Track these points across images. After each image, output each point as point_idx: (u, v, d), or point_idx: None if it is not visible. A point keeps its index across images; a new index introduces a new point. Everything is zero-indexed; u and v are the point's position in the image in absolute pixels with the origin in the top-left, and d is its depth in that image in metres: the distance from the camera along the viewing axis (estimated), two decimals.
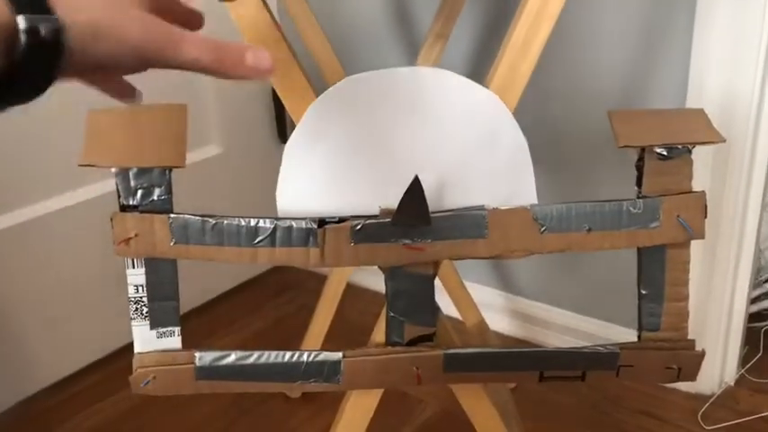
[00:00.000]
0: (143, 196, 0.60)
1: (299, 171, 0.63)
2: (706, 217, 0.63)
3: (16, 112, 0.34)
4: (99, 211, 1.15)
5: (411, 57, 1.25)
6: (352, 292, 1.35)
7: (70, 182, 1.16)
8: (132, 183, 0.59)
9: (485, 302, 1.21)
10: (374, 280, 1.41)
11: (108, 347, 1.23)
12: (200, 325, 1.33)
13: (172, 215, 0.60)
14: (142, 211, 0.60)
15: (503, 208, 0.61)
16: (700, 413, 1.08)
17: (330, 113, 0.60)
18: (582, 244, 0.62)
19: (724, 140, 0.60)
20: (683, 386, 1.13)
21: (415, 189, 0.58)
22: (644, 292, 0.65)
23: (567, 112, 1.12)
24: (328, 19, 1.01)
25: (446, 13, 0.97)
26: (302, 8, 0.95)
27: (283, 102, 0.61)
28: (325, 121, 0.61)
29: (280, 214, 0.63)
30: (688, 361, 0.66)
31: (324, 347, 1.15)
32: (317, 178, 0.62)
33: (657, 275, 0.64)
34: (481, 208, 0.61)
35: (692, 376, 0.67)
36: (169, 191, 0.60)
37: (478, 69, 1.17)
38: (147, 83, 1.34)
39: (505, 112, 0.60)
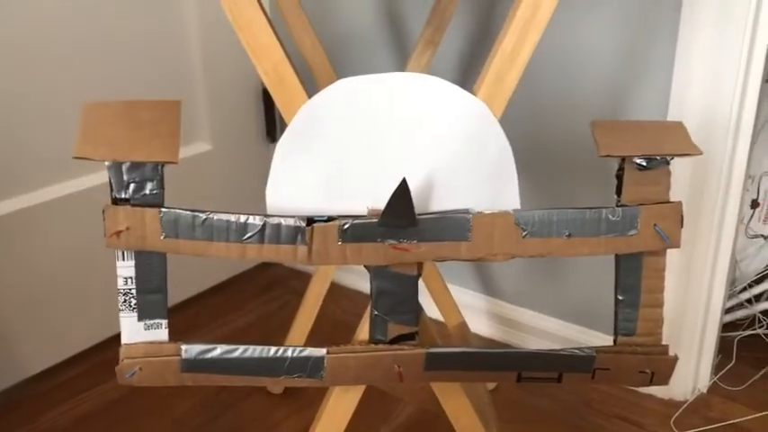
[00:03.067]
0: (135, 190, 0.61)
1: (289, 171, 0.64)
2: (682, 227, 0.65)
3: None
4: (85, 203, 1.17)
5: (401, 62, 1.27)
6: (336, 291, 1.36)
7: (56, 175, 1.16)
8: (125, 176, 0.61)
9: (467, 305, 1.23)
10: (357, 279, 1.43)
11: (92, 339, 1.24)
12: (182, 320, 1.34)
13: (163, 209, 0.61)
14: (134, 205, 0.61)
15: (486, 212, 0.63)
16: (673, 419, 1.10)
17: (321, 115, 0.62)
18: (562, 249, 0.64)
19: (701, 153, 0.63)
20: (657, 392, 1.15)
21: (403, 191, 0.60)
22: (620, 297, 0.67)
23: (551, 122, 1.14)
24: (320, 23, 1.03)
25: (437, 20, 0.99)
26: (296, 11, 0.96)
27: (275, 102, 0.63)
28: (316, 122, 0.62)
29: (269, 212, 0.64)
30: (661, 366, 0.68)
31: (307, 345, 1.16)
32: (307, 178, 0.64)
33: (634, 282, 0.66)
34: (466, 211, 0.63)
35: (664, 380, 0.69)
36: (161, 185, 0.61)
37: (467, 76, 1.20)
38: (138, 78, 1.36)
39: (492, 119, 0.62)
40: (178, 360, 0.65)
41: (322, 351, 0.67)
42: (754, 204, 1.28)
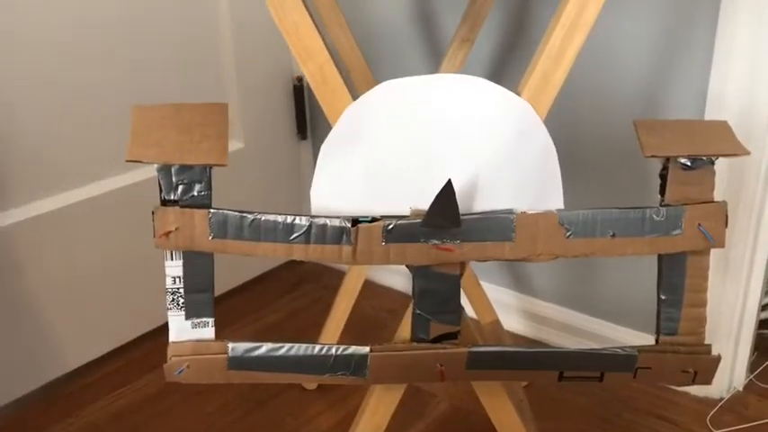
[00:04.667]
0: (184, 191, 0.62)
1: (333, 171, 0.65)
2: (727, 226, 0.65)
3: None
4: (122, 202, 1.19)
5: (435, 60, 1.27)
6: (367, 288, 1.37)
7: (94, 173, 1.18)
8: (174, 178, 0.62)
9: (498, 302, 1.23)
10: (388, 276, 1.43)
11: (129, 335, 1.26)
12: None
13: (212, 210, 0.62)
14: (182, 206, 0.62)
15: (530, 212, 0.63)
16: (708, 417, 1.10)
17: (366, 117, 0.63)
18: (606, 249, 0.64)
19: (749, 153, 0.62)
20: (692, 389, 1.15)
21: (448, 192, 0.60)
22: (663, 297, 0.67)
23: (587, 120, 1.14)
24: (353, 21, 1.03)
25: (472, 18, 0.99)
26: (333, 11, 0.97)
27: (320, 102, 0.63)
28: (361, 123, 0.63)
29: (313, 212, 0.65)
30: (704, 365, 0.68)
31: (340, 342, 1.17)
32: (351, 178, 0.64)
33: (677, 282, 0.66)
34: (509, 211, 0.63)
35: (707, 380, 0.69)
36: (209, 187, 0.62)
37: (500, 74, 1.19)
38: (170, 77, 1.37)
39: (536, 119, 0.62)
40: (225, 358, 0.66)
41: (365, 349, 0.68)
42: None
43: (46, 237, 1.12)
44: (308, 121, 1.47)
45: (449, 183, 0.60)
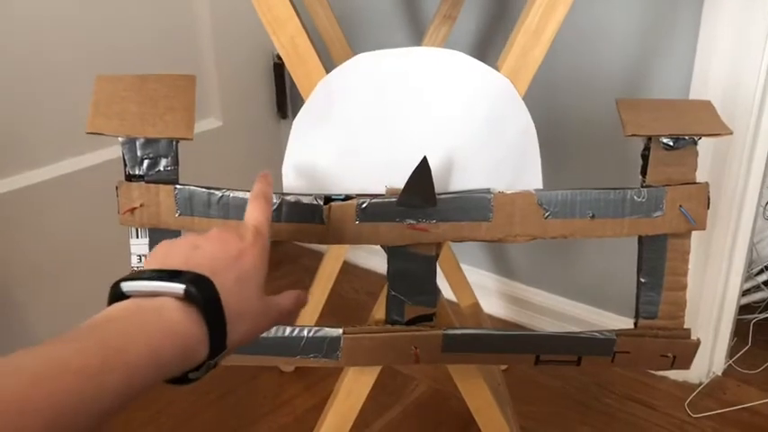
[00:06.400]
0: (149, 166, 0.60)
1: (305, 147, 0.63)
2: (708, 208, 0.63)
3: None
4: (97, 179, 1.16)
5: (417, 36, 1.24)
6: (348, 270, 1.35)
7: (66, 150, 1.15)
8: (139, 152, 0.59)
9: (479, 285, 1.22)
10: (369, 258, 1.42)
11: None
12: None
13: (177, 186, 0.60)
14: (148, 182, 0.60)
15: (508, 192, 0.62)
16: (687, 401, 1.09)
17: (339, 91, 0.60)
18: (585, 230, 0.62)
19: (731, 133, 0.61)
20: (671, 374, 1.14)
21: (423, 170, 0.58)
22: (643, 280, 0.65)
23: (569, 101, 1.12)
24: None
25: None
26: None
27: (293, 76, 0.61)
28: (333, 97, 0.61)
29: (285, 190, 0.63)
30: (683, 350, 0.67)
31: (318, 324, 1.16)
32: (324, 156, 0.62)
33: (657, 265, 0.65)
34: (487, 191, 0.61)
35: (686, 365, 0.68)
36: (176, 162, 0.60)
37: (484, 52, 1.17)
38: (147, 53, 1.34)
39: (516, 95, 0.60)
40: None
41: (338, 331, 0.66)
42: None
43: (17, 214, 1.10)
44: (288, 99, 1.44)
45: (424, 160, 0.58)
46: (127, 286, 0.43)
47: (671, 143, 0.61)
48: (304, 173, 0.63)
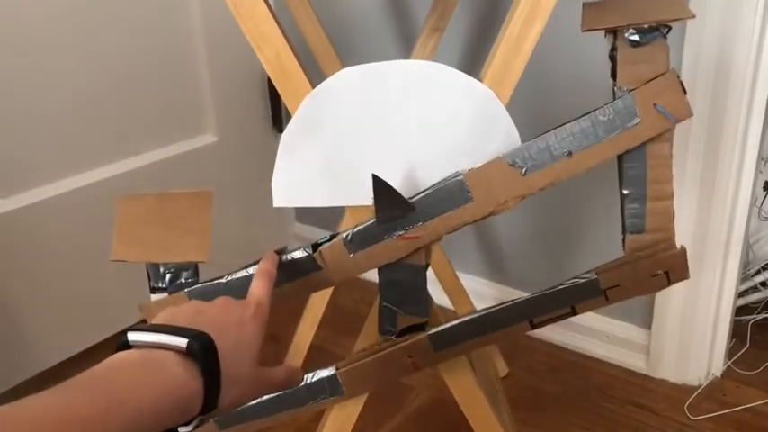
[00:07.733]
0: (171, 280, 0.64)
1: (294, 162, 0.64)
2: (686, 93, 0.59)
3: None
4: (99, 196, 1.17)
5: (407, 49, 1.26)
6: (348, 281, 1.35)
7: (70, 168, 1.16)
8: (161, 269, 0.64)
9: (476, 292, 1.23)
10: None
11: (104, 334, 1.24)
12: None
13: (187, 289, 0.65)
14: (171, 293, 0.64)
15: (477, 165, 0.61)
16: (686, 404, 1.10)
17: (326, 105, 0.61)
18: (568, 170, 0.60)
19: (693, 16, 0.58)
20: (670, 377, 1.15)
21: (381, 185, 0.59)
22: (626, 192, 0.62)
23: (558, 108, 1.13)
24: (324, 10, 1.02)
25: (441, 6, 0.98)
26: (301, 1, 0.95)
27: (280, 92, 0.62)
28: (321, 112, 0.62)
29: (275, 205, 0.64)
30: (672, 262, 0.63)
31: (318, 335, 1.17)
32: (313, 169, 0.63)
33: (638, 173, 0.61)
34: (456, 174, 0.61)
35: (683, 274, 0.64)
36: (195, 273, 0.65)
37: (472, 63, 1.18)
38: (142, 70, 1.34)
39: (498, 104, 0.61)
40: (212, 423, 0.69)
41: (330, 370, 0.69)
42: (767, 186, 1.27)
43: (22, 232, 1.11)
44: (283, 113, 1.45)
45: (376, 178, 0.59)
46: (132, 336, 0.45)
47: (637, 38, 0.57)
48: (293, 188, 0.64)
